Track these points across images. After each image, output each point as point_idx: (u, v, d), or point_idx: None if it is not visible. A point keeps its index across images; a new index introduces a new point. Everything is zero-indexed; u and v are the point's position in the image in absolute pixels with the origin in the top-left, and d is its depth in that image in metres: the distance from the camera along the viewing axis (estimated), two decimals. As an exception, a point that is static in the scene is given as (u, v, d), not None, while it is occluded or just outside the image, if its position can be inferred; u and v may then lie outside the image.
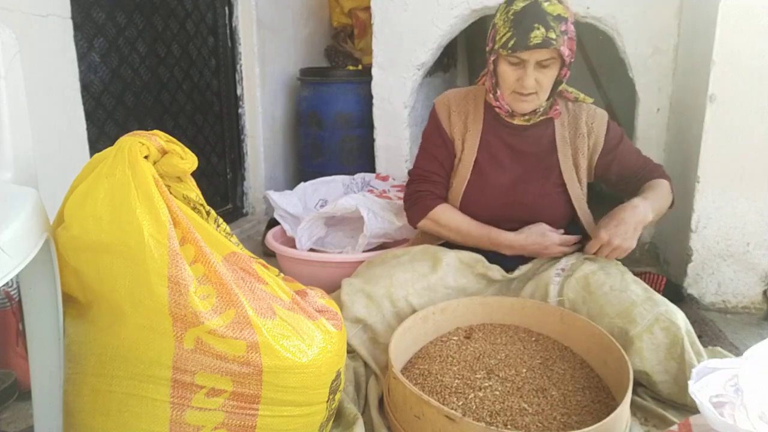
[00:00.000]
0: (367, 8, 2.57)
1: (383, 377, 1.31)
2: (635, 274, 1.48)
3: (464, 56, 3.37)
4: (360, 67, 2.88)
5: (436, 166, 1.60)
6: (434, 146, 1.60)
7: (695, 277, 1.83)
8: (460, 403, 1.14)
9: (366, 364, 1.37)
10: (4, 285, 1.20)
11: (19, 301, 1.08)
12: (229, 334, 0.89)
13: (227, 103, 2.59)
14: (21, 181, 0.99)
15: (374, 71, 2.44)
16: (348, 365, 1.29)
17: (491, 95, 1.49)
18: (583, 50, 3.18)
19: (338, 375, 1.06)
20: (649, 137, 2.19)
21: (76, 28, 1.70)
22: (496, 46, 1.39)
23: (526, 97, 1.41)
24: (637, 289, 1.34)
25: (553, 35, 1.31)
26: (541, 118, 1.51)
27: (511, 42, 1.33)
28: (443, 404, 1.08)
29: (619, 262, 1.48)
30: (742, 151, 1.72)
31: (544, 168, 1.53)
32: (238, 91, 2.62)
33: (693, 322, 1.41)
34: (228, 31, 2.55)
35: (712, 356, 1.33)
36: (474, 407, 1.12)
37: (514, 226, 1.53)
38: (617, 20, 2.12)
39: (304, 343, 0.97)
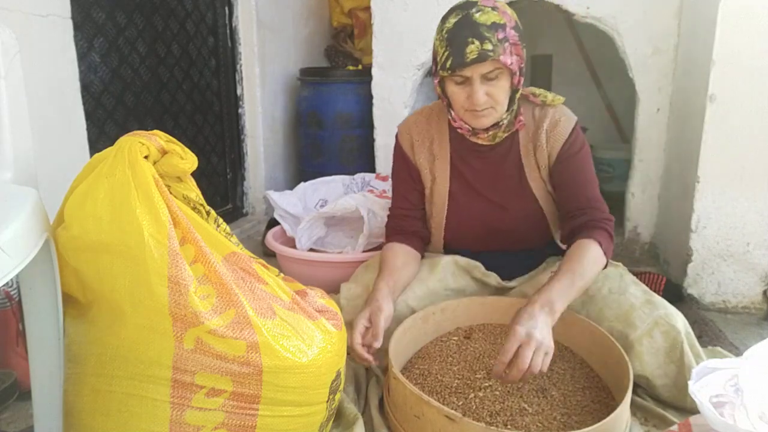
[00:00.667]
0: (367, 8, 2.57)
1: (384, 378, 1.31)
2: (635, 273, 1.48)
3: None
4: (360, 67, 2.88)
5: (402, 201, 1.54)
6: (400, 180, 1.54)
7: (695, 277, 1.83)
8: (460, 403, 1.14)
9: (367, 366, 1.37)
10: (4, 285, 1.20)
11: (19, 301, 1.08)
12: (229, 334, 0.89)
13: (227, 103, 2.60)
14: (21, 181, 0.99)
15: (374, 71, 2.44)
16: (348, 366, 1.29)
17: (449, 116, 1.41)
18: (583, 50, 3.18)
19: (338, 375, 1.06)
20: (649, 137, 2.19)
21: (76, 28, 1.70)
22: (438, 68, 1.31)
23: (481, 112, 1.31)
24: (636, 291, 1.33)
25: (489, 46, 1.22)
26: (507, 133, 1.41)
27: (449, 62, 1.25)
28: (443, 404, 1.08)
29: (619, 263, 1.48)
30: (742, 151, 1.72)
31: (517, 187, 1.45)
32: (238, 91, 2.62)
33: (693, 322, 1.41)
34: (228, 31, 2.55)
35: (712, 356, 1.33)
36: (474, 407, 1.12)
37: (502, 249, 1.51)
38: (617, 20, 2.12)
39: (304, 343, 0.97)
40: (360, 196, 1.93)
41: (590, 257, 1.26)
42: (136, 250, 0.86)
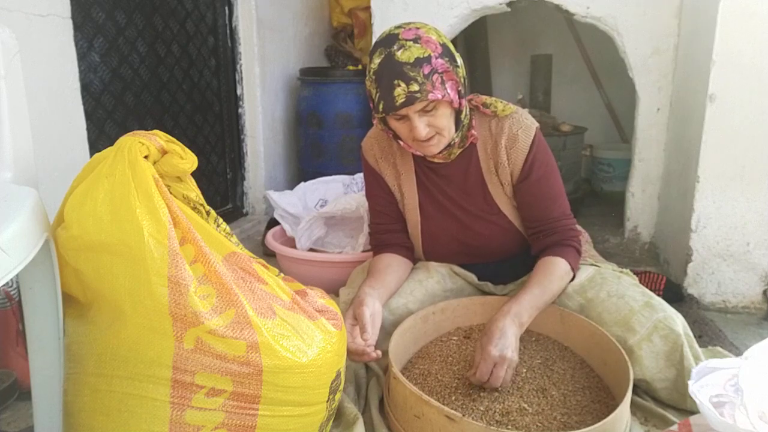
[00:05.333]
0: (367, 8, 2.57)
1: (384, 378, 1.31)
2: (635, 273, 1.48)
3: (464, 56, 3.38)
4: (360, 67, 2.88)
5: (380, 216, 1.53)
6: (374, 196, 1.53)
7: (695, 277, 1.83)
8: (460, 403, 1.14)
9: (367, 366, 1.37)
10: (4, 285, 1.20)
11: (19, 301, 1.08)
12: (229, 334, 0.89)
13: (227, 103, 2.60)
14: (21, 181, 0.99)
15: (374, 71, 2.44)
16: (348, 366, 1.29)
17: (398, 144, 1.39)
18: (583, 50, 3.18)
19: (338, 375, 1.06)
20: (649, 137, 2.19)
21: (76, 28, 1.70)
22: (373, 109, 1.28)
23: (428, 142, 1.28)
24: (635, 294, 1.31)
25: (415, 87, 1.18)
26: (462, 148, 1.38)
27: (380, 105, 1.22)
28: (443, 404, 1.08)
29: (615, 264, 1.48)
30: (742, 151, 1.72)
31: (481, 203, 1.43)
32: (238, 91, 2.62)
33: (693, 322, 1.40)
34: (228, 31, 2.55)
35: (712, 356, 1.33)
36: (474, 407, 1.12)
37: (483, 262, 1.50)
38: (617, 20, 2.12)
39: (304, 343, 0.97)
40: (360, 196, 1.93)
41: (557, 274, 1.33)
42: (136, 250, 0.86)
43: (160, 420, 0.90)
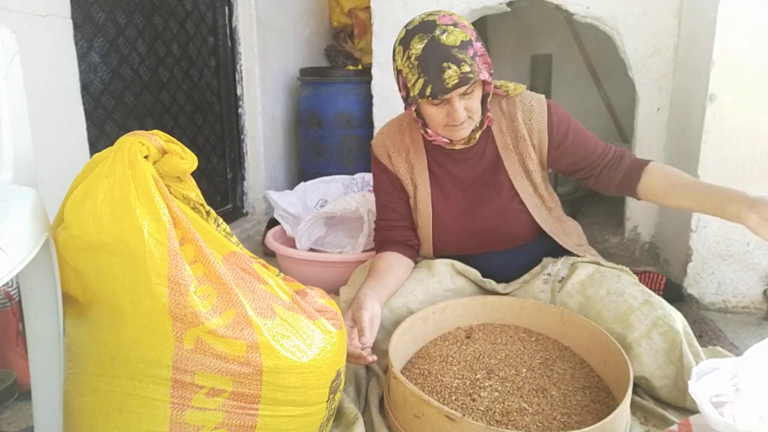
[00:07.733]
0: (367, 8, 2.57)
1: (384, 378, 1.31)
2: (635, 273, 1.48)
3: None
4: (360, 67, 2.88)
5: (387, 212, 1.53)
6: (383, 192, 1.53)
7: (695, 276, 1.83)
8: (460, 403, 1.14)
9: (367, 366, 1.37)
10: (4, 285, 1.20)
11: (19, 301, 1.08)
12: (229, 334, 0.89)
13: (227, 103, 2.60)
14: (21, 181, 0.99)
15: (374, 71, 2.44)
16: (348, 366, 1.29)
17: (423, 133, 1.40)
18: (583, 50, 3.18)
19: (338, 375, 1.06)
20: (649, 137, 2.19)
21: (76, 28, 1.70)
22: (413, 94, 1.27)
23: (461, 125, 1.31)
24: (634, 291, 1.32)
25: (467, 68, 1.20)
26: (480, 131, 1.39)
27: (428, 89, 1.22)
28: (443, 404, 1.08)
29: (614, 264, 1.48)
30: (742, 151, 1.72)
31: (493, 183, 1.45)
32: (238, 91, 2.62)
33: (693, 322, 1.40)
34: (228, 31, 2.55)
35: (712, 356, 1.33)
36: (474, 407, 1.12)
37: (493, 250, 1.50)
38: (617, 20, 2.12)
39: (304, 343, 0.97)
40: (360, 196, 1.93)
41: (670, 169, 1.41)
42: (136, 250, 0.86)
43: (160, 420, 0.90)
